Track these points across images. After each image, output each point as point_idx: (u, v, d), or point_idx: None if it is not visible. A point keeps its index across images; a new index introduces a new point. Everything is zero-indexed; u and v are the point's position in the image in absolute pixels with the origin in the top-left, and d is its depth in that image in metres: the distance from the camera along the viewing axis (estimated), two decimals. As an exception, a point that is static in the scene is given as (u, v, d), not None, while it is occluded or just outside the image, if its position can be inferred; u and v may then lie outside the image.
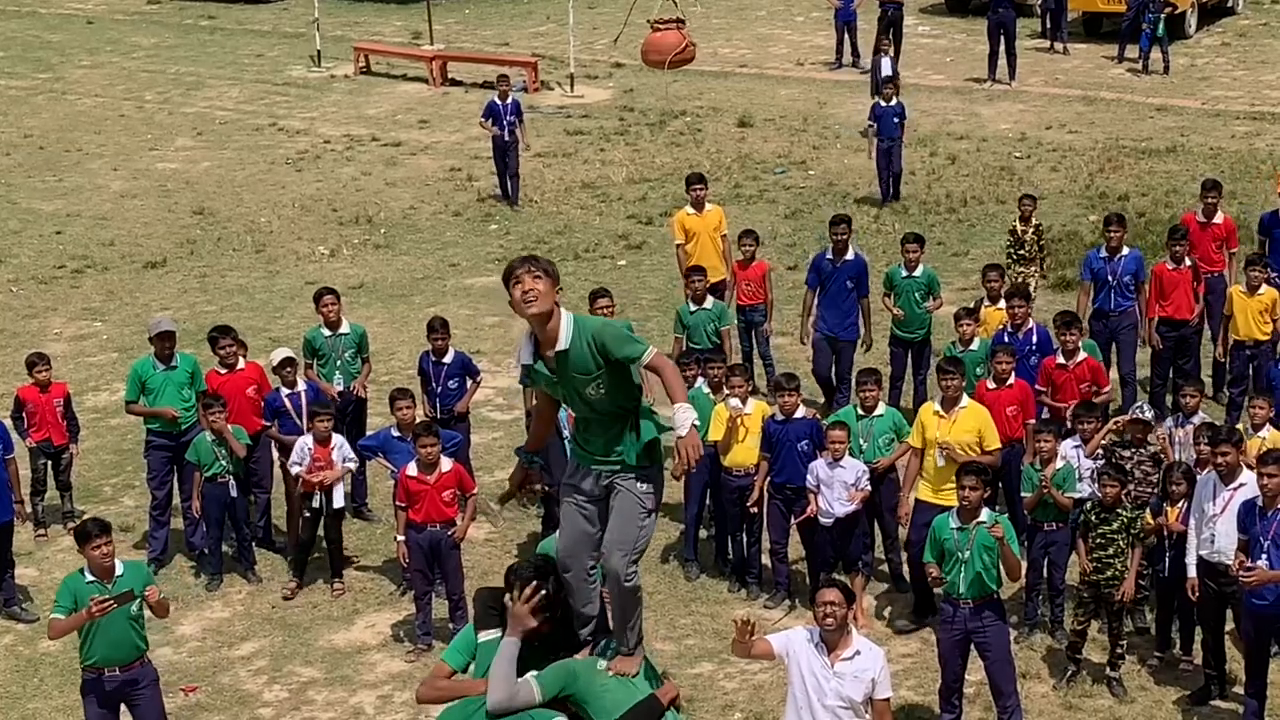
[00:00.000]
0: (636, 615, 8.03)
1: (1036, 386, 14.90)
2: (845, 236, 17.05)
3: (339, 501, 14.27)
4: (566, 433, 14.06)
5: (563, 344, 7.83)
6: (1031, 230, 18.49)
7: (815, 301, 17.18)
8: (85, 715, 11.55)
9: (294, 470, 14.53)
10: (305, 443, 14.48)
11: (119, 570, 11.39)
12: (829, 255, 17.07)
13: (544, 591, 7.94)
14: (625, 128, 28.56)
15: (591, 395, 7.87)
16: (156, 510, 15.01)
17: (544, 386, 8.11)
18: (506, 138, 24.00)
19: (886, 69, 26.89)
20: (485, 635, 8.02)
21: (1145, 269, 16.85)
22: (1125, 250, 16.82)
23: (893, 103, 23.37)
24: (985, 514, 11.99)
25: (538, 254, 8.32)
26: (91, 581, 11.29)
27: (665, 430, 7.94)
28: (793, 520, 14.03)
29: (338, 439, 14.47)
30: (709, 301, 16.54)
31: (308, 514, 14.56)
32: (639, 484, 7.96)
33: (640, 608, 8.08)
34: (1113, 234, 16.80)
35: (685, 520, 14.85)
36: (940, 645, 12.20)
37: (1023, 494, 13.50)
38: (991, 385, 14.48)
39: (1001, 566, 11.88)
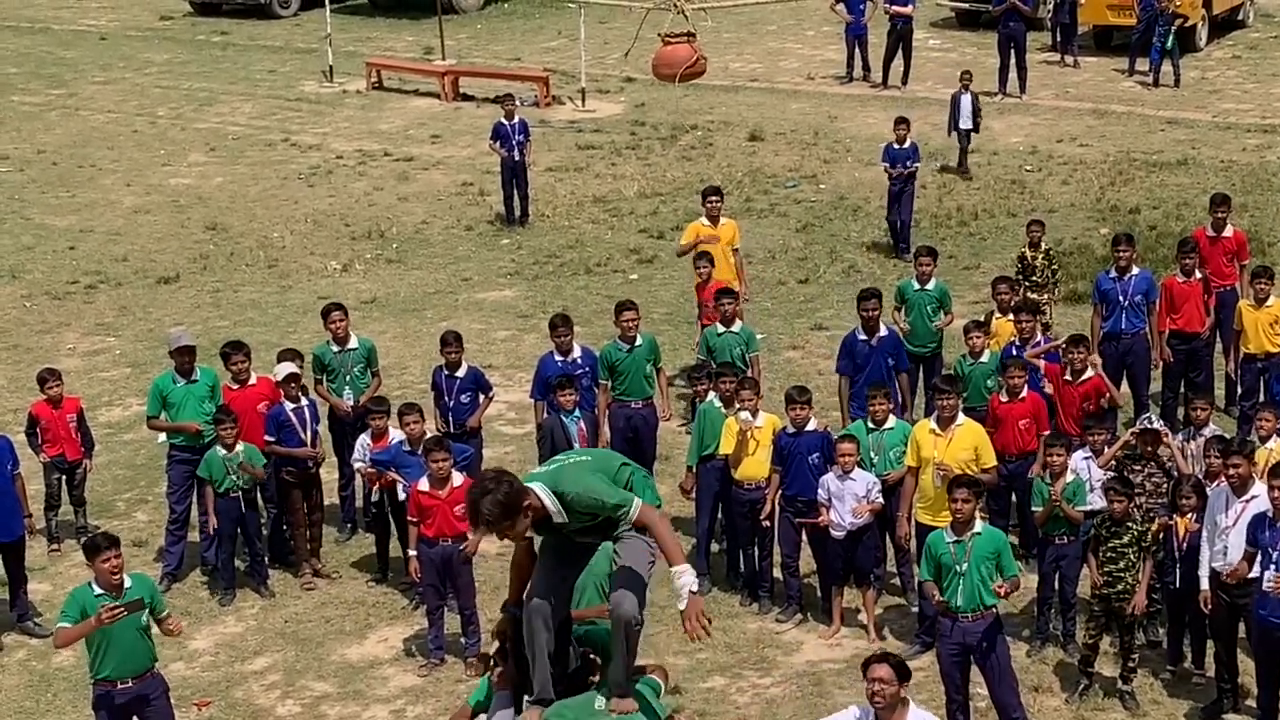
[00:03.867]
0: (634, 655, 8.14)
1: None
2: (877, 313, 15.75)
3: (402, 495, 14.25)
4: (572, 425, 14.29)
5: (558, 518, 8.04)
6: (1042, 255, 18.29)
7: (851, 387, 15.74)
8: None
9: (356, 466, 14.85)
10: (364, 440, 14.69)
11: (127, 584, 11.43)
12: (861, 335, 15.75)
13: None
14: (637, 142, 28.59)
15: (591, 529, 8.18)
16: (174, 525, 15.05)
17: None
18: (516, 158, 24.00)
19: (967, 107, 25.31)
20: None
21: (1156, 289, 16.73)
22: (1135, 270, 16.72)
23: (905, 145, 22.33)
24: (979, 525, 12.02)
25: (480, 503, 7.92)
26: (100, 594, 11.33)
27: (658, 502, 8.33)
28: (803, 532, 14.06)
29: (395, 434, 14.54)
30: (737, 325, 16.31)
31: (374, 511, 14.85)
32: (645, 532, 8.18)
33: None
34: (1121, 253, 16.71)
35: (696, 534, 14.85)
36: (941, 661, 12.22)
37: (1033, 508, 13.50)
38: (1004, 398, 14.49)
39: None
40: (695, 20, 27.49)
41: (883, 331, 15.81)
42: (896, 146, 22.41)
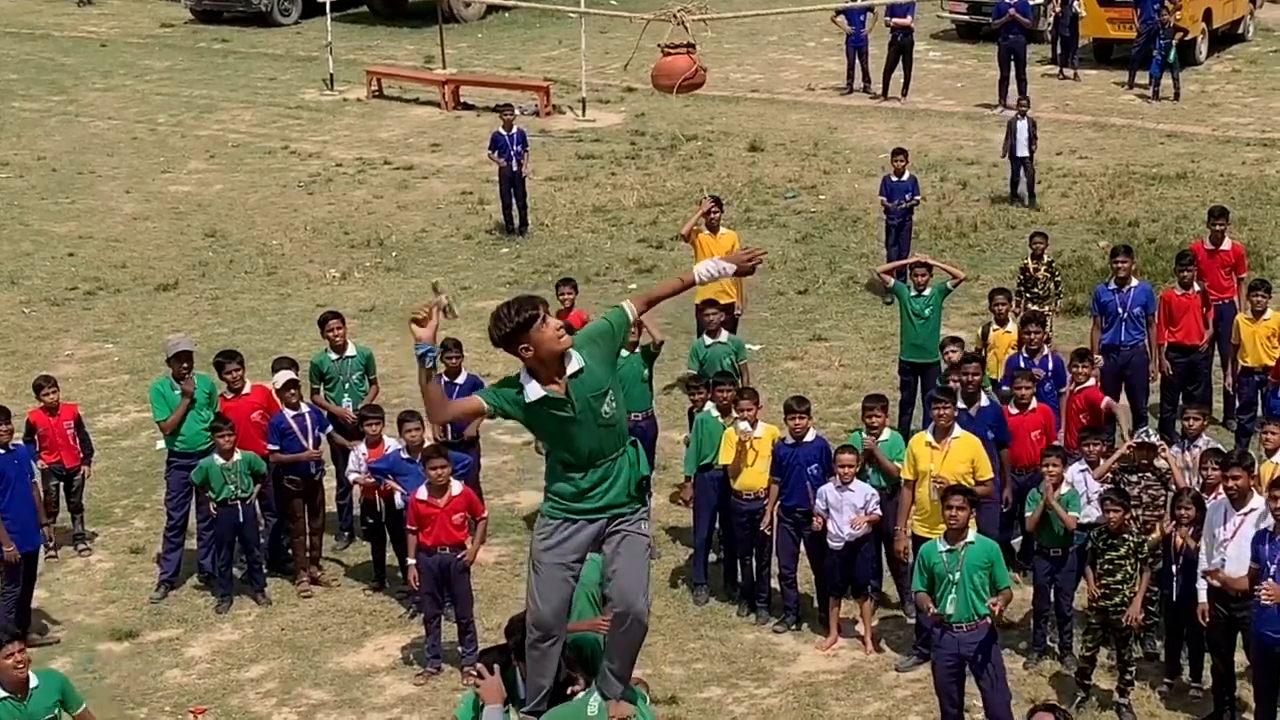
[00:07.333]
0: (638, 652, 8.14)
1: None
2: (979, 378, 14.58)
3: (400, 503, 14.23)
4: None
5: (578, 364, 7.97)
6: (1044, 267, 18.30)
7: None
8: None
9: (351, 478, 14.78)
10: (360, 450, 14.61)
11: (34, 682, 10.38)
12: (959, 404, 14.19)
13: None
14: (636, 152, 28.59)
15: (607, 414, 8.02)
16: (171, 532, 15.04)
17: (549, 427, 8.24)
18: (514, 168, 24.02)
19: (1024, 132, 24.32)
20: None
21: (1155, 301, 16.77)
22: (1134, 282, 16.74)
23: (904, 177, 21.65)
24: (972, 534, 12.01)
25: (525, 294, 8.36)
26: (4, 698, 10.27)
27: (647, 473, 8.22)
28: (801, 543, 14.06)
29: (390, 443, 14.52)
30: (724, 335, 16.31)
31: (370, 521, 14.79)
32: (643, 524, 8.12)
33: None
34: (1120, 265, 16.73)
35: (694, 544, 14.86)
36: (935, 672, 12.22)
37: (1026, 514, 13.49)
38: (1014, 410, 14.44)
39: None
40: (695, 31, 27.51)
41: (983, 401, 14.52)
42: (894, 179, 21.65)
